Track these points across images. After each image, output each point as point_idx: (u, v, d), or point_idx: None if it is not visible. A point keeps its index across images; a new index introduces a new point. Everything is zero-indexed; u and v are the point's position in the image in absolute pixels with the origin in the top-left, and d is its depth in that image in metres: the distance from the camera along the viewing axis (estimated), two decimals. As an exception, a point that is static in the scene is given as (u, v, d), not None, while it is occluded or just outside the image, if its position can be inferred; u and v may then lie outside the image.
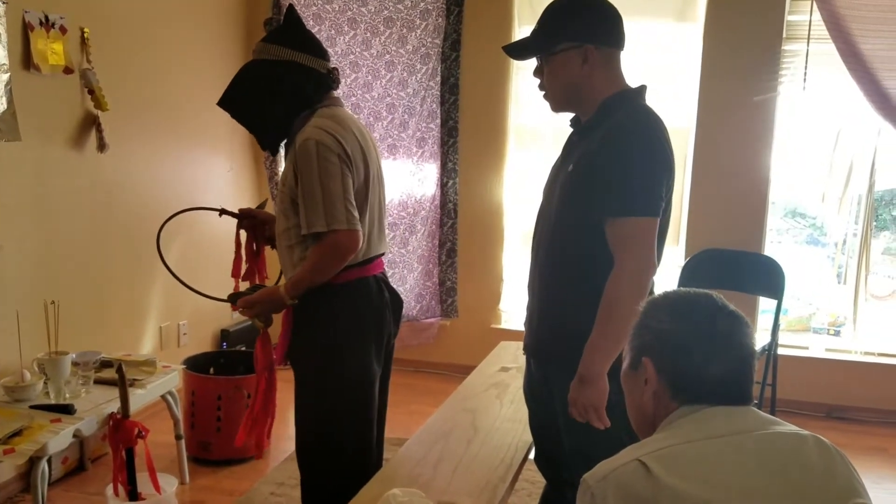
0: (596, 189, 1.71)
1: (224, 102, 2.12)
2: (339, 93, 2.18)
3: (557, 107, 1.86)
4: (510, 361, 2.80)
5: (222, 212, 2.37)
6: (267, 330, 2.19)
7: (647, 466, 1.06)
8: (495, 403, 2.40)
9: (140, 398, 2.73)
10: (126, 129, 3.38)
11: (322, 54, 2.09)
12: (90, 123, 3.17)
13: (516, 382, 2.48)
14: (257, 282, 2.38)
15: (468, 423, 2.25)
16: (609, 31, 1.78)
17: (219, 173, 4.15)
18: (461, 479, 1.89)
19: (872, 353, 3.90)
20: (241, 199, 4.23)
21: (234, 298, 2.13)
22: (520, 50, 1.84)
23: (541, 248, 1.89)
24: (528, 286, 1.96)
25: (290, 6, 2.18)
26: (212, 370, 3.39)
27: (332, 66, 2.11)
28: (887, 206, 4.53)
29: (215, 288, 2.38)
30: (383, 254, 2.22)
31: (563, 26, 1.77)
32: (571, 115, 1.89)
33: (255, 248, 2.39)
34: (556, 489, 2.12)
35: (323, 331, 2.08)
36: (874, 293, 4.16)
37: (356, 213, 1.98)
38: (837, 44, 3.42)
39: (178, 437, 3.00)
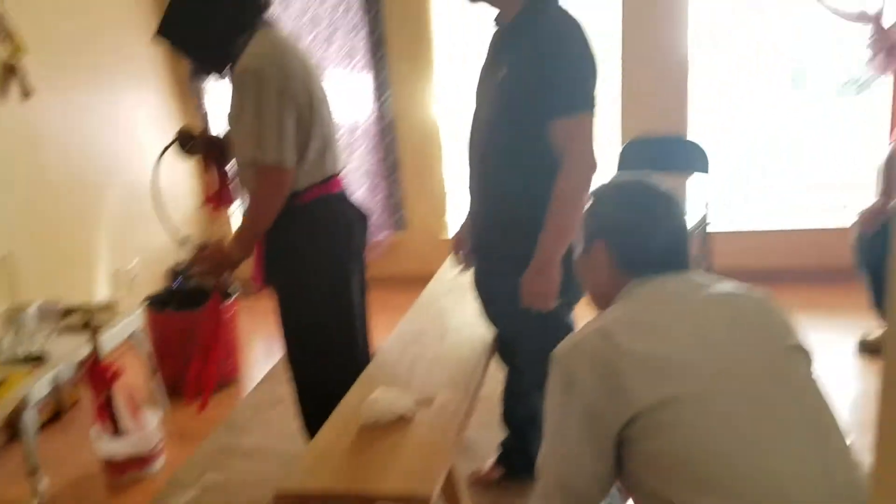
0: (538, 93, 1.78)
1: (161, 32, 2.06)
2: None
3: None
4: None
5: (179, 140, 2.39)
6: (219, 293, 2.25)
7: (609, 332, 1.19)
8: (460, 303, 2.50)
9: (107, 342, 2.75)
10: (50, 73, 3.26)
11: None
12: (10, 70, 3.05)
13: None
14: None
15: (438, 323, 2.36)
16: None
17: (147, 109, 4.06)
18: (438, 375, 2.00)
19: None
20: (173, 131, 4.14)
21: (185, 270, 2.09)
22: None
23: (479, 154, 1.95)
24: (469, 191, 2.04)
25: None
26: (171, 307, 3.42)
27: None
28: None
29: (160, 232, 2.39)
30: (339, 172, 2.23)
31: None
32: (493, 12, 1.91)
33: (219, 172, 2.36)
34: (514, 372, 2.30)
35: (295, 249, 2.12)
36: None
37: (289, 149, 1.98)
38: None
39: (152, 372, 3.05)
